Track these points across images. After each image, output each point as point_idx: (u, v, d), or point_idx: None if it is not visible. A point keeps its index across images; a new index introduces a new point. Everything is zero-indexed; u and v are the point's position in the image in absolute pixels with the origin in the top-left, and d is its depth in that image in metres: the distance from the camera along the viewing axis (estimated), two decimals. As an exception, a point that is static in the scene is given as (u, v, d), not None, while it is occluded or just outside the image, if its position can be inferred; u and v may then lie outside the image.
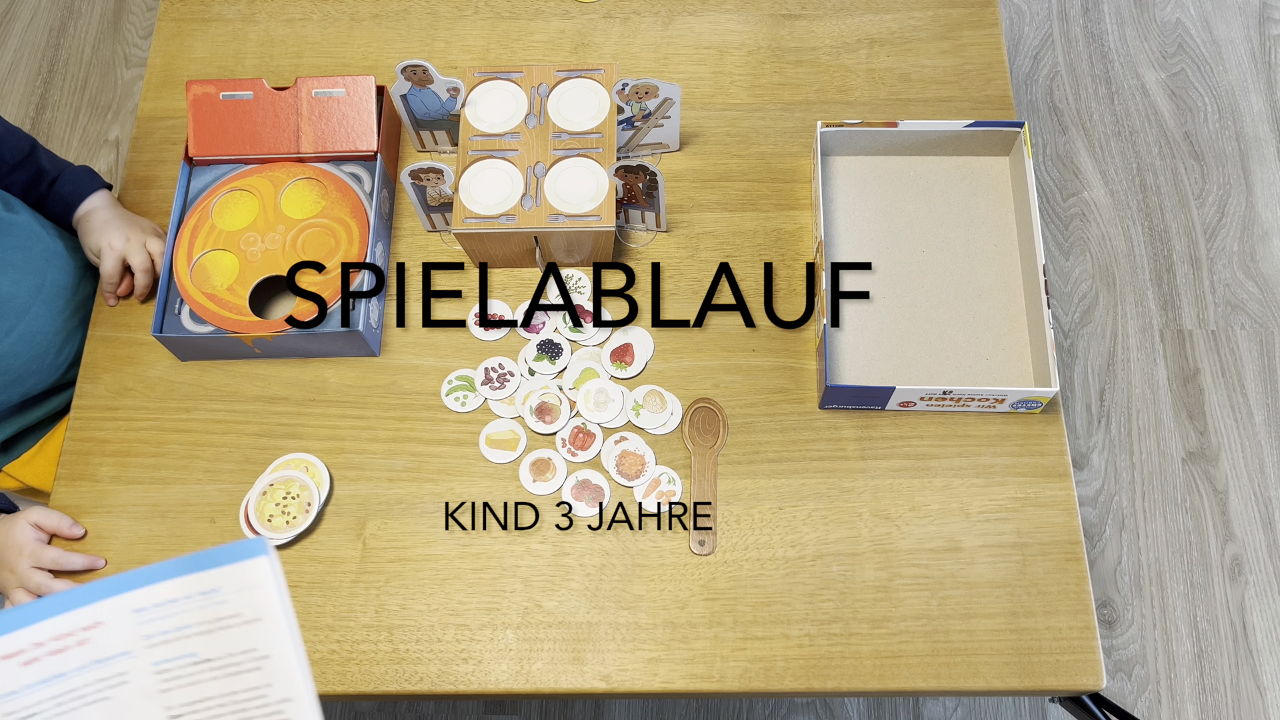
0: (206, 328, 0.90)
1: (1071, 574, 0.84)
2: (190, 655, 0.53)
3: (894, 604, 0.83)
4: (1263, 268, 1.66)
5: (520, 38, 1.07)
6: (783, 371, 0.91)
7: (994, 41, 1.05)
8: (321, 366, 0.93)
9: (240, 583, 0.52)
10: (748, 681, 0.81)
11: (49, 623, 0.51)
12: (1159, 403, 1.59)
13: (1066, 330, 1.64)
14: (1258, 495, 1.52)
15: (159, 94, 1.06)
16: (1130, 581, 1.48)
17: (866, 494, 0.87)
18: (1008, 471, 0.87)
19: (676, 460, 0.89)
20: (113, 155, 1.83)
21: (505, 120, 0.94)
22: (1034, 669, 0.81)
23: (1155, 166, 1.75)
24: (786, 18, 1.07)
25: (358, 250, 0.92)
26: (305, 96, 0.95)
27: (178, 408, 0.92)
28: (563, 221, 0.89)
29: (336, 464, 0.89)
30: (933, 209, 0.97)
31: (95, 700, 0.53)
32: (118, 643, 0.52)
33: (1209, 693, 1.42)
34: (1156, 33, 1.85)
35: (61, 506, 0.88)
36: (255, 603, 0.52)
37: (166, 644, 0.52)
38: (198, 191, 0.95)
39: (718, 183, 1.00)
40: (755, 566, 0.84)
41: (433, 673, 0.82)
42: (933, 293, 0.93)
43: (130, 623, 0.52)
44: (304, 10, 1.10)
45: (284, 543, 0.86)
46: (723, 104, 1.03)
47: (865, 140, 0.97)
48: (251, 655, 0.53)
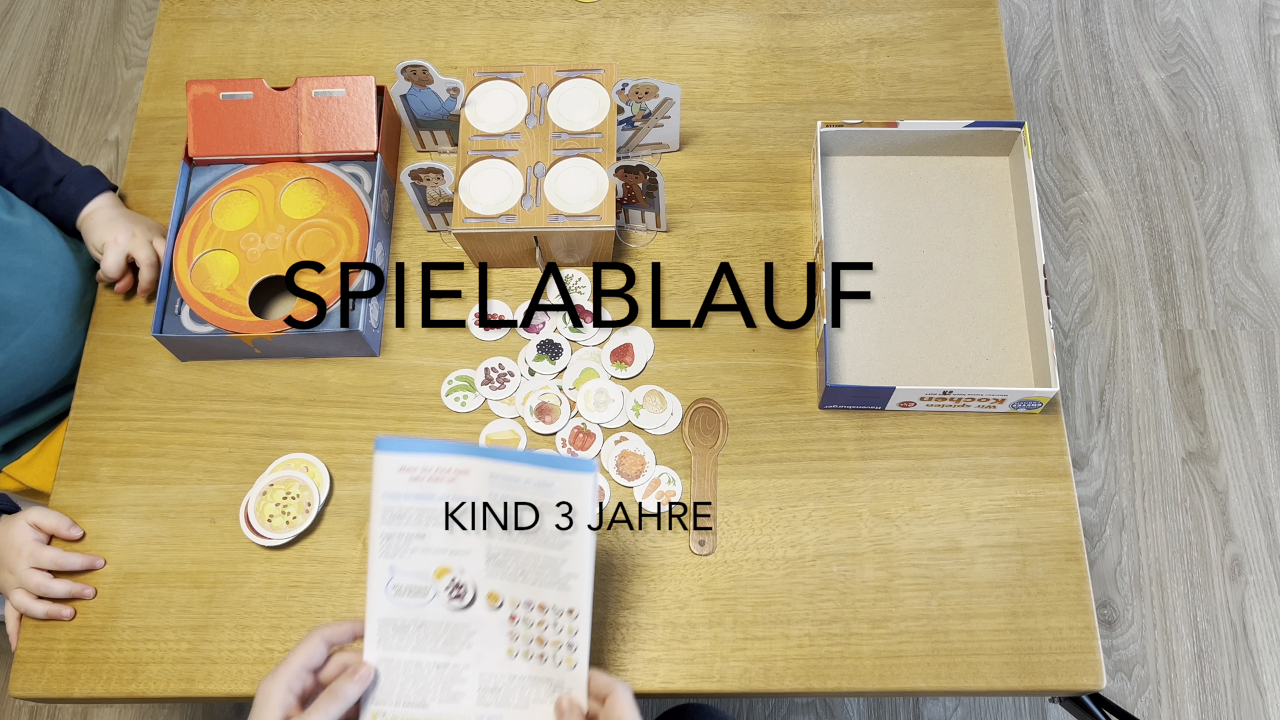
0: (206, 328, 0.90)
1: (1071, 574, 0.84)
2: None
3: (894, 604, 0.83)
4: (1263, 268, 1.66)
5: (520, 38, 1.07)
6: (783, 371, 0.91)
7: (994, 41, 1.05)
8: (321, 366, 0.93)
9: (569, 485, 0.70)
10: (748, 682, 0.81)
11: (440, 457, 0.70)
12: (1159, 403, 1.59)
13: (1066, 330, 1.64)
14: (1258, 495, 1.52)
15: (159, 94, 1.06)
16: (1130, 581, 1.48)
17: (866, 494, 0.87)
18: (1008, 471, 0.87)
19: (676, 460, 0.89)
20: (113, 155, 1.83)
21: (505, 120, 0.94)
22: (1034, 669, 0.81)
23: (1155, 166, 1.75)
24: (786, 18, 1.07)
25: (357, 250, 0.92)
26: (305, 96, 0.95)
27: (178, 408, 0.92)
28: (563, 221, 0.89)
29: (336, 464, 0.89)
30: (933, 209, 0.97)
31: (444, 522, 0.71)
32: (473, 489, 0.71)
33: (1209, 693, 1.42)
34: (1156, 33, 1.85)
35: (61, 507, 0.88)
36: (576, 500, 0.70)
37: (503, 505, 0.71)
38: (198, 191, 0.95)
39: (718, 183, 1.00)
40: (755, 566, 0.84)
41: (433, 673, 0.81)
42: (933, 293, 0.93)
43: (486, 479, 0.70)
44: (304, 10, 1.10)
45: (284, 543, 0.86)
46: (723, 104, 1.03)
47: (865, 140, 0.97)
48: (561, 536, 0.70)
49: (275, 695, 0.67)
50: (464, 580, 0.71)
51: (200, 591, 0.85)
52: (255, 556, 0.86)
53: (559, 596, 0.71)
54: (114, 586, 0.85)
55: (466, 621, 0.72)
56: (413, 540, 0.71)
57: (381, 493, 0.70)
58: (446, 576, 0.71)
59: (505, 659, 0.71)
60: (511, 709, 0.71)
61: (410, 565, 0.71)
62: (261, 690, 0.68)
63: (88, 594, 0.85)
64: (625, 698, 0.69)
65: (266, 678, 0.68)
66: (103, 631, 0.84)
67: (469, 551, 0.71)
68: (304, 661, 0.69)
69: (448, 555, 0.71)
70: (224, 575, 0.85)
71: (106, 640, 0.84)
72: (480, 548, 0.71)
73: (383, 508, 0.71)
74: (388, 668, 0.71)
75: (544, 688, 0.71)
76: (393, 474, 0.70)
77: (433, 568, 0.71)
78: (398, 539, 0.71)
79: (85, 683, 0.82)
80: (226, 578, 0.85)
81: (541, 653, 0.71)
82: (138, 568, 0.86)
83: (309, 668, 0.70)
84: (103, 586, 0.85)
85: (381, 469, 0.70)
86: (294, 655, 0.69)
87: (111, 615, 0.84)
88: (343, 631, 0.72)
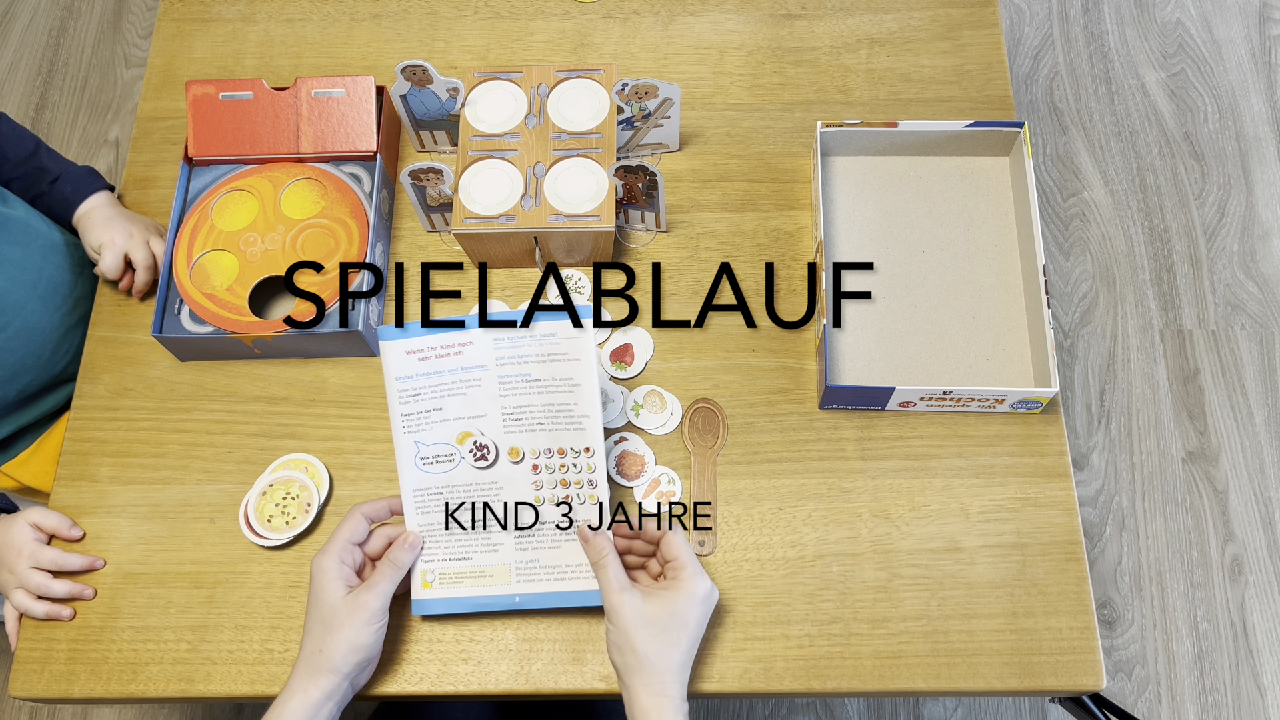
0: (206, 328, 0.90)
1: (1071, 574, 0.84)
2: (525, 375, 0.77)
3: (894, 604, 0.83)
4: (1263, 268, 1.66)
5: (520, 38, 1.07)
6: (782, 371, 0.91)
7: (994, 41, 1.05)
8: (321, 366, 0.93)
9: (571, 332, 0.75)
10: (748, 682, 0.81)
11: (440, 335, 0.76)
12: (1159, 403, 1.59)
13: (1066, 330, 1.64)
14: (1258, 495, 1.52)
15: (159, 94, 1.06)
16: (1130, 581, 1.48)
17: (866, 494, 0.87)
18: (1008, 472, 0.87)
19: (676, 460, 0.89)
20: (112, 155, 1.83)
21: (505, 120, 0.94)
22: (1034, 669, 0.81)
23: (1155, 166, 1.75)
24: (786, 18, 1.07)
25: (357, 250, 0.92)
26: (305, 97, 0.95)
27: (177, 408, 0.92)
28: (562, 221, 0.89)
29: (336, 464, 0.89)
30: (933, 209, 0.97)
31: (457, 393, 0.77)
32: (479, 358, 0.77)
33: (1209, 693, 1.42)
34: (1156, 33, 1.85)
35: (61, 507, 0.88)
36: (578, 347, 0.76)
37: (511, 365, 0.77)
38: (197, 192, 0.95)
39: (718, 183, 1.00)
40: (755, 567, 0.84)
41: (433, 673, 0.81)
42: (933, 293, 0.93)
43: (490, 346, 0.76)
44: (304, 10, 1.10)
45: (283, 543, 0.86)
46: (723, 104, 1.03)
47: (865, 140, 0.97)
48: (568, 382, 0.77)
49: (332, 569, 0.75)
50: (485, 441, 0.78)
51: (200, 592, 0.85)
52: (255, 557, 0.86)
53: (575, 438, 0.78)
54: (114, 587, 0.85)
55: (494, 478, 0.79)
56: (431, 415, 0.78)
57: (394, 377, 0.77)
58: (468, 440, 0.78)
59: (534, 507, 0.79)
60: (546, 550, 0.80)
61: (433, 437, 0.78)
62: (317, 566, 0.75)
63: (87, 594, 0.85)
64: (676, 535, 0.76)
65: (318, 555, 0.75)
66: (102, 632, 0.84)
67: (485, 415, 0.78)
68: (349, 536, 0.76)
69: (466, 421, 0.78)
70: (224, 575, 0.85)
71: (106, 641, 0.84)
72: (495, 409, 0.77)
73: (397, 390, 0.77)
74: (429, 531, 0.80)
75: (572, 527, 0.79)
76: (400, 358, 0.76)
77: (454, 435, 0.78)
78: (417, 417, 0.77)
79: (85, 683, 0.82)
80: (226, 578, 0.85)
81: (566, 494, 0.79)
82: (137, 568, 0.86)
83: (354, 541, 0.77)
84: (102, 587, 0.85)
85: (389, 356, 0.76)
86: (339, 532, 0.76)
87: (111, 615, 0.84)
88: (379, 508, 0.79)
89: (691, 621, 0.73)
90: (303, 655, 0.74)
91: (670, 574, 0.75)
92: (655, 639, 0.71)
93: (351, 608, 0.73)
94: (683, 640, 0.73)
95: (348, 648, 0.72)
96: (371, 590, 0.74)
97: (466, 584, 0.80)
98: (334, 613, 0.73)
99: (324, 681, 0.72)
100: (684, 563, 0.74)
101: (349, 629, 0.72)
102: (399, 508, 0.80)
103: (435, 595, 0.80)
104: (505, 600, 0.80)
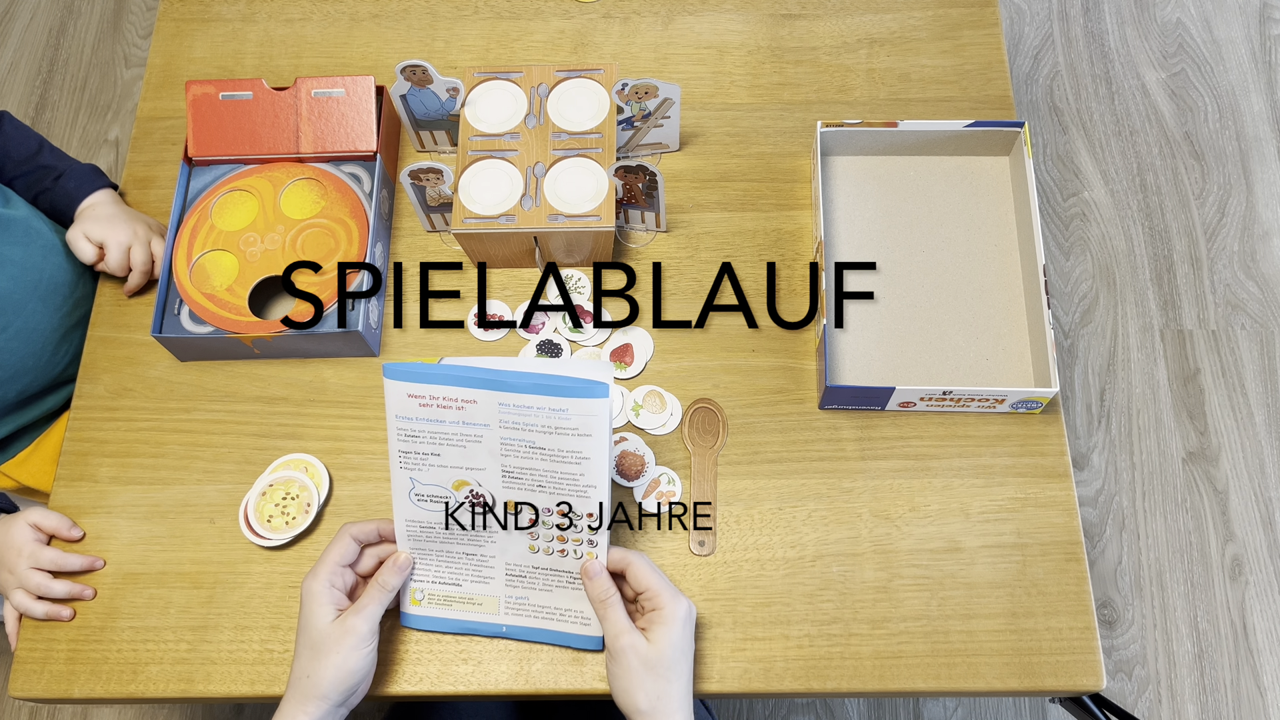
0: (206, 328, 0.90)
1: (1071, 574, 0.84)
2: (529, 441, 0.72)
3: (894, 604, 0.83)
4: (1263, 268, 1.66)
5: (520, 38, 1.07)
6: (782, 372, 0.91)
7: (994, 41, 1.05)
8: (321, 367, 0.93)
9: (584, 410, 0.70)
10: (748, 682, 0.81)
11: (445, 388, 0.71)
12: (1159, 403, 1.59)
13: (1066, 330, 1.64)
14: (1258, 495, 1.52)
15: (159, 94, 1.06)
16: (1130, 582, 1.48)
17: (866, 494, 0.87)
18: (1008, 472, 0.87)
19: (676, 461, 0.88)
20: (112, 155, 1.83)
21: (505, 120, 0.94)
22: (1034, 669, 0.81)
23: (1155, 166, 1.74)
24: (786, 18, 1.07)
25: (357, 250, 0.92)
26: (305, 97, 0.95)
27: (177, 408, 0.92)
28: (562, 221, 0.89)
29: (336, 464, 0.89)
30: (933, 209, 0.97)
31: (457, 444, 0.74)
32: (482, 416, 0.72)
33: (1209, 693, 1.42)
34: (1157, 33, 1.85)
35: (61, 507, 0.88)
36: (590, 424, 0.71)
37: (515, 430, 0.72)
38: (197, 192, 0.95)
39: (718, 183, 1.00)
40: (755, 567, 0.84)
41: (433, 673, 0.81)
42: (933, 293, 0.93)
43: (494, 408, 0.71)
44: (304, 10, 1.10)
45: (283, 544, 0.86)
46: (723, 104, 1.03)
47: (865, 140, 0.96)
48: (576, 455, 0.72)
49: (322, 592, 0.74)
50: (482, 492, 0.76)
51: (200, 592, 0.85)
52: (255, 557, 0.86)
53: (577, 504, 0.75)
54: (114, 587, 0.85)
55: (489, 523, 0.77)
56: (429, 458, 0.75)
57: (394, 415, 0.73)
58: (465, 489, 0.76)
59: (527, 554, 0.78)
60: (537, 591, 0.79)
61: (429, 478, 0.76)
62: (306, 589, 0.74)
63: (87, 594, 0.85)
64: (642, 563, 0.75)
65: (307, 577, 0.74)
66: (102, 632, 0.84)
67: (484, 469, 0.75)
68: (339, 558, 0.75)
69: (464, 471, 0.75)
70: (223, 576, 0.85)
71: (106, 641, 0.84)
72: (495, 465, 0.74)
73: (396, 428, 0.74)
74: (420, 555, 0.79)
75: (565, 576, 0.78)
76: (402, 399, 0.73)
77: (450, 480, 0.76)
78: (414, 456, 0.75)
79: (85, 683, 0.82)
80: (226, 578, 0.85)
81: (562, 549, 0.77)
82: (137, 568, 0.86)
83: (344, 563, 0.76)
84: (102, 587, 0.85)
85: (392, 394, 0.73)
86: (329, 553, 0.75)
87: (111, 616, 0.84)
88: (369, 530, 0.78)
89: (684, 649, 0.73)
90: (292, 679, 0.73)
91: (648, 604, 0.74)
92: (657, 682, 0.71)
93: (339, 633, 0.72)
94: (683, 673, 0.73)
95: (335, 674, 0.71)
96: (359, 614, 0.73)
97: (455, 608, 0.80)
98: (322, 638, 0.72)
99: (313, 709, 0.71)
100: (658, 589, 0.73)
101: (337, 654, 0.72)
102: (388, 531, 0.79)
103: (424, 613, 0.81)
104: (493, 628, 0.81)
